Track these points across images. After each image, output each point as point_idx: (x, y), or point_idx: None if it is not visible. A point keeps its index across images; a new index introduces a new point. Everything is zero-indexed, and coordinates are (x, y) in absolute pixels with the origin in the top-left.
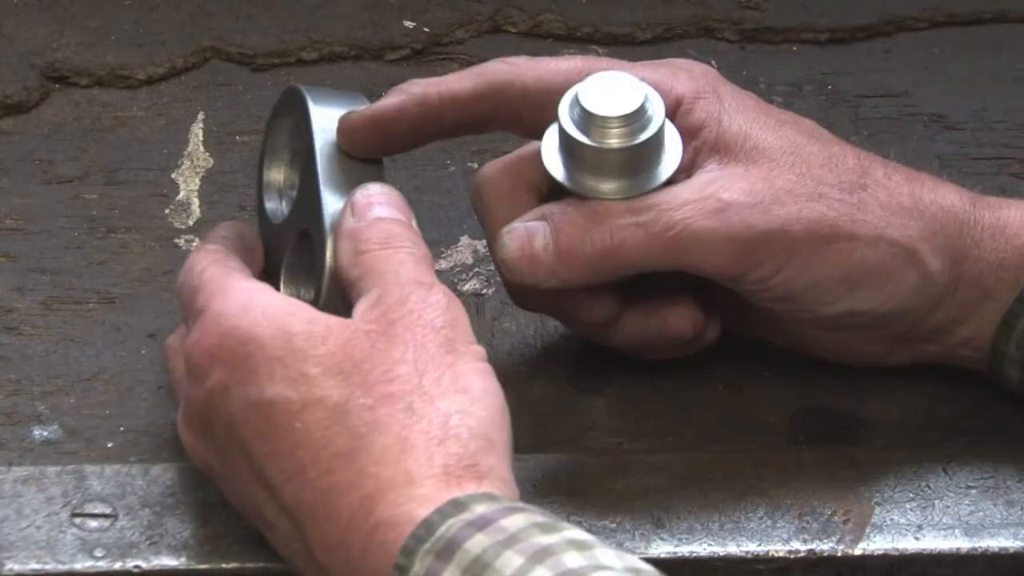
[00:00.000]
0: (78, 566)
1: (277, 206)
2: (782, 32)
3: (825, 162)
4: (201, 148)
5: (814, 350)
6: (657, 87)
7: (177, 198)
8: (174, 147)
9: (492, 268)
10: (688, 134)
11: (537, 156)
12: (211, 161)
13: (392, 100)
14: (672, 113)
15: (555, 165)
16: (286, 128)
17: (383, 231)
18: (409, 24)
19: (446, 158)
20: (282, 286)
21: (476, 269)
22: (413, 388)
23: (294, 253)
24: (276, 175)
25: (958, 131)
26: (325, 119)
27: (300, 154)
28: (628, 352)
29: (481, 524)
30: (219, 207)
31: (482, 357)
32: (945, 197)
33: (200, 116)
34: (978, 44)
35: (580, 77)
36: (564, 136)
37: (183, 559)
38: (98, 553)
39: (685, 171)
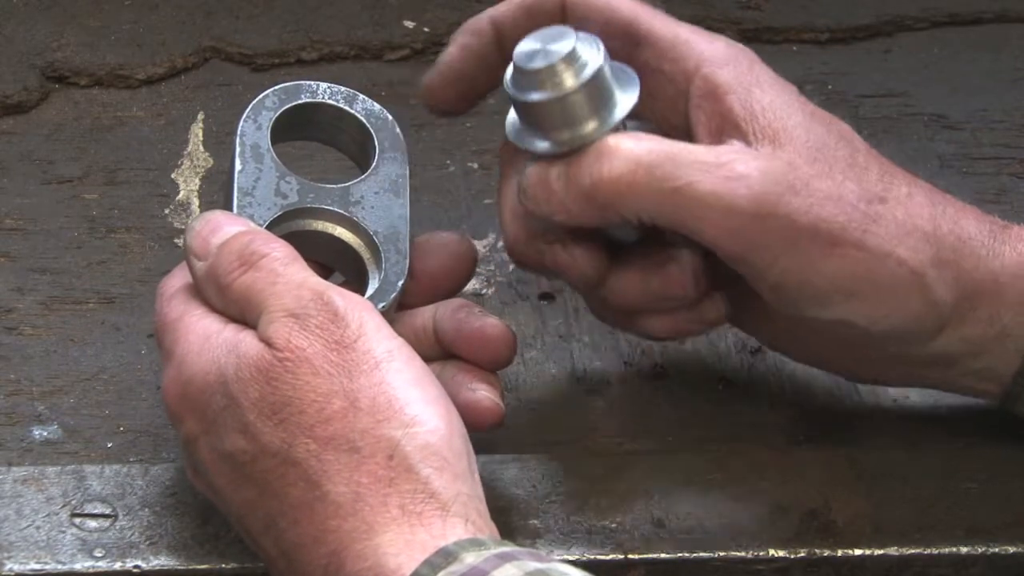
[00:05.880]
0: (78, 566)
1: None
2: (782, 32)
3: (848, 168)
4: (201, 148)
5: (809, 357)
6: (686, 43)
7: (177, 198)
8: (174, 147)
9: (492, 268)
10: (709, 96)
11: None
12: (211, 161)
13: (451, 48)
14: (692, 72)
15: (517, 131)
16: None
17: (233, 254)
18: (409, 24)
19: (446, 158)
20: None
21: (476, 269)
22: (351, 424)
23: None
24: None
25: (958, 131)
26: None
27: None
28: (630, 326)
29: None
30: (219, 207)
31: (401, 355)
32: (966, 227)
33: (200, 116)
34: (978, 44)
35: (620, 10)
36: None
37: (183, 559)
38: (98, 553)
39: (712, 137)
